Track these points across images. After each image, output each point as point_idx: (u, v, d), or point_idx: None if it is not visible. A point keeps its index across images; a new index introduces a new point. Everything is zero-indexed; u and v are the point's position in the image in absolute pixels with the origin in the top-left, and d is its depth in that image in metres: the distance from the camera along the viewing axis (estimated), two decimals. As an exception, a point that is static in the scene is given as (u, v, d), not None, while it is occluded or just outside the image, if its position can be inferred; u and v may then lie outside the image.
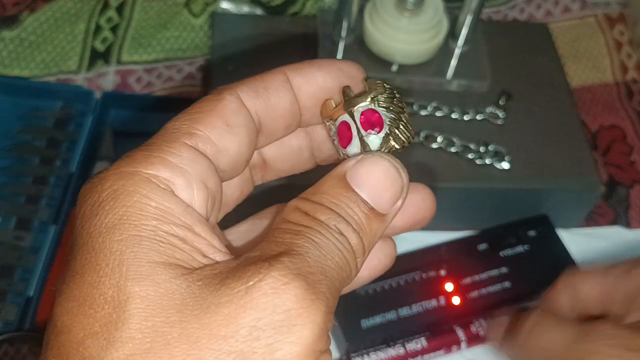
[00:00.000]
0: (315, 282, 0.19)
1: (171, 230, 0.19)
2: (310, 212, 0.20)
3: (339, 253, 0.20)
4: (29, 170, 0.49)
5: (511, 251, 0.47)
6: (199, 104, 0.22)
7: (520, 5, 0.61)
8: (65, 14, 0.56)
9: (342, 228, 0.20)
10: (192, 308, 0.18)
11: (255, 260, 0.19)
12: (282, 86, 0.23)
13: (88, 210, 0.19)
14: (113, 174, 0.20)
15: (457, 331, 0.43)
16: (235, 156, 0.22)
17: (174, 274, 0.18)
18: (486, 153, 0.47)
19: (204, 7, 0.57)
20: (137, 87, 0.55)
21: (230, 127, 0.21)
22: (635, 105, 0.58)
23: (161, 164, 0.20)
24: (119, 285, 0.18)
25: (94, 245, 0.19)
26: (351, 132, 0.23)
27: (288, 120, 0.24)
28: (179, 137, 0.20)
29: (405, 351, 0.42)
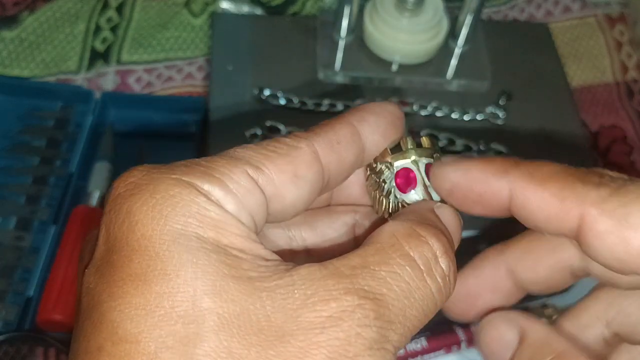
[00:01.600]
0: (389, 332, 0.19)
1: (231, 243, 0.19)
2: (412, 250, 0.20)
3: (425, 302, 0.20)
4: (29, 170, 0.49)
5: (511, 251, 0.47)
6: (275, 143, 0.21)
7: (520, 5, 0.61)
8: (65, 14, 0.56)
9: (437, 272, 0.21)
10: (267, 333, 0.17)
11: (338, 291, 0.18)
12: (352, 139, 0.23)
13: (138, 208, 0.18)
14: (168, 178, 0.19)
15: (457, 331, 0.43)
16: (290, 206, 0.21)
17: (247, 289, 0.18)
18: (486, 153, 0.47)
19: (204, 7, 0.57)
20: (137, 87, 0.55)
21: (297, 179, 0.21)
22: (635, 105, 0.58)
23: (217, 184, 0.19)
24: (194, 299, 0.17)
25: (157, 252, 0.18)
26: (415, 181, 0.24)
27: (351, 171, 0.24)
28: (243, 165, 0.20)
29: (405, 351, 0.42)
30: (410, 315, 0.19)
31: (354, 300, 0.18)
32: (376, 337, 0.18)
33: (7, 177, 0.49)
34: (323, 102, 0.48)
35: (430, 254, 0.21)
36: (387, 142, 0.24)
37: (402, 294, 0.19)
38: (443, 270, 0.21)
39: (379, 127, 0.24)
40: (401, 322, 0.19)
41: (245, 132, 0.46)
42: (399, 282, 0.19)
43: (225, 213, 0.19)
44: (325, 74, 0.50)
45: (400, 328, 0.19)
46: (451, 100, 0.49)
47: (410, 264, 0.20)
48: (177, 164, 0.20)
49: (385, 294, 0.19)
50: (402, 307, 0.19)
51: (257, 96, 0.48)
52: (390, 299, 0.19)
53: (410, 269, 0.20)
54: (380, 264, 0.20)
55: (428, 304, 0.20)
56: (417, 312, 0.20)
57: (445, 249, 0.21)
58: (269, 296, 0.18)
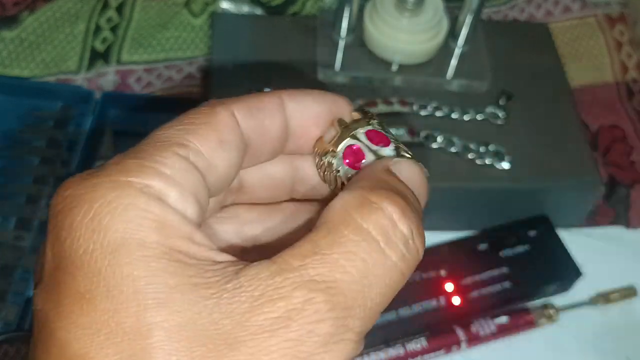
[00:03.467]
0: (349, 320, 0.18)
1: (175, 245, 0.18)
2: (364, 221, 0.19)
3: (388, 275, 0.19)
4: (29, 170, 0.49)
5: (511, 251, 0.47)
6: (192, 115, 0.21)
7: (520, 5, 0.61)
8: (65, 14, 0.56)
9: (398, 239, 0.19)
10: (216, 342, 0.17)
11: (285, 288, 0.18)
12: (276, 110, 0.22)
13: (78, 222, 0.18)
14: (103, 182, 0.18)
15: (457, 331, 0.43)
16: (223, 174, 0.21)
17: (192, 298, 0.17)
18: (486, 153, 0.47)
19: (204, 7, 0.57)
20: (137, 87, 0.55)
21: (223, 144, 0.20)
22: (635, 105, 0.58)
23: (155, 174, 0.18)
24: (138, 315, 0.17)
25: (99, 268, 0.17)
26: (362, 152, 0.23)
27: (275, 145, 0.23)
28: (171, 146, 0.19)
29: (405, 351, 0.42)
30: (373, 295, 0.18)
31: (304, 295, 0.17)
32: (332, 331, 0.17)
33: (7, 177, 0.49)
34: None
35: (386, 220, 0.19)
36: (318, 129, 0.23)
37: (359, 275, 0.18)
38: (404, 234, 0.19)
39: (311, 110, 0.23)
40: (362, 305, 0.18)
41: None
42: (354, 261, 0.18)
43: (167, 210, 0.18)
44: (325, 74, 0.50)
45: (361, 312, 0.18)
46: (451, 100, 0.49)
47: (365, 237, 0.19)
48: (110, 162, 0.19)
49: (338, 279, 0.18)
50: (361, 289, 0.18)
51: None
52: (345, 283, 0.18)
53: (366, 244, 0.19)
54: (332, 246, 0.18)
55: (392, 277, 0.19)
56: (379, 288, 0.19)
57: (403, 210, 0.19)
58: (216, 303, 0.17)
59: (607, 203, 0.52)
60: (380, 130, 0.23)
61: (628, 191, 0.53)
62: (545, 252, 0.47)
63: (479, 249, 0.47)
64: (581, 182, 0.47)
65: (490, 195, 0.47)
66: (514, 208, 0.48)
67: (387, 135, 0.23)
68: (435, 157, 0.47)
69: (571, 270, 0.46)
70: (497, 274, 0.46)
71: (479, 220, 0.48)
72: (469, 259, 0.46)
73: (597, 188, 0.47)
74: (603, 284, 0.48)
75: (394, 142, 0.23)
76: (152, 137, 0.20)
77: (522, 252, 0.47)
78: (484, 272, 0.45)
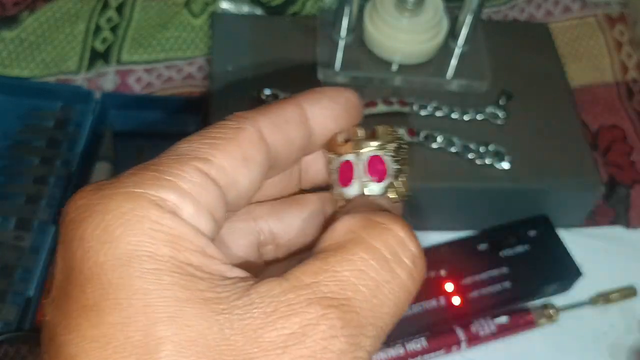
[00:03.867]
0: (361, 338, 0.18)
1: (186, 259, 0.18)
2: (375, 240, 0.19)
3: (397, 294, 0.19)
4: (29, 170, 0.49)
5: (511, 251, 0.47)
6: (218, 129, 0.20)
7: (520, 5, 0.61)
8: (65, 14, 0.56)
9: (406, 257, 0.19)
10: (227, 358, 0.16)
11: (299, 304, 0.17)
12: (299, 120, 0.22)
13: (90, 234, 0.18)
14: (118, 193, 0.18)
15: (457, 331, 0.43)
16: (244, 191, 0.20)
17: (203, 313, 0.17)
18: (486, 153, 0.47)
19: (204, 7, 0.57)
20: (137, 87, 0.55)
21: (247, 161, 0.20)
22: (635, 105, 0.58)
23: (170, 188, 0.18)
24: (147, 328, 0.17)
25: (109, 280, 0.17)
26: (352, 174, 0.23)
27: (300, 153, 0.23)
28: (191, 160, 0.19)
29: (405, 351, 0.42)
30: (382, 314, 0.18)
31: (317, 311, 0.17)
32: (345, 348, 0.17)
33: (7, 177, 0.49)
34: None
35: (396, 240, 0.19)
36: (338, 128, 0.23)
37: (369, 294, 0.18)
38: (412, 252, 0.19)
39: (330, 111, 0.23)
40: (373, 324, 0.18)
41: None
42: (365, 280, 0.18)
43: (180, 223, 0.18)
44: (325, 74, 0.50)
45: (372, 330, 0.18)
46: (451, 100, 0.49)
47: (375, 256, 0.19)
48: (127, 173, 0.19)
49: (351, 297, 0.18)
50: (372, 308, 0.18)
51: (257, 96, 0.48)
52: (357, 301, 0.18)
53: (376, 262, 0.19)
54: (342, 264, 0.18)
55: (400, 296, 0.19)
56: (389, 308, 0.19)
57: (410, 231, 0.20)
58: (227, 318, 0.17)
59: (607, 203, 0.52)
60: (388, 158, 0.23)
61: (628, 191, 0.53)
62: (545, 252, 0.47)
63: (479, 249, 0.47)
64: (581, 182, 0.47)
65: (490, 195, 0.47)
66: (514, 208, 0.48)
67: (388, 167, 0.23)
68: (435, 157, 0.47)
69: (571, 270, 0.46)
70: (497, 274, 0.46)
71: (479, 220, 0.48)
72: (469, 259, 0.46)
73: (597, 188, 0.47)
74: (603, 284, 0.48)
75: (393, 175, 0.23)
76: (175, 149, 0.20)
77: (522, 252, 0.47)
78: (484, 272, 0.45)
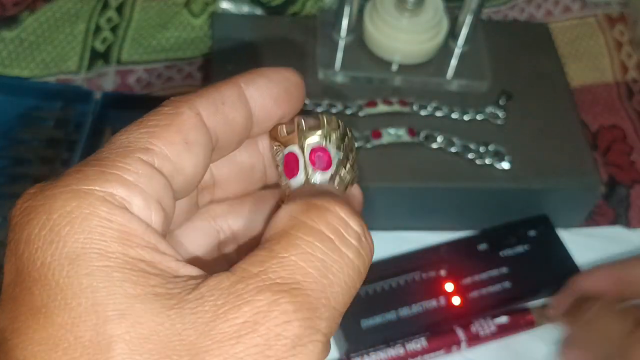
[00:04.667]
0: (316, 321, 0.18)
1: (138, 255, 0.17)
2: (315, 222, 0.19)
3: (346, 272, 0.19)
4: (29, 170, 0.49)
5: (511, 251, 0.47)
6: (155, 116, 0.20)
7: (520, 5, 0.61)
8: (65, 14, 0.56)
9: (351, 236, 0.19)
10: (180, 353, 0.16)
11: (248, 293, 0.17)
12: (238, 100, 0.22)
13: (36, 235, 0.17)
14: (62, 192, 0.18)
15: (457, 331, 0.43)
16: (191, 176, 0.20)
17: (154, 308, 0.17)
18: (486, 153, 0.47)
19: (204, 7, 0.57)
20: (137, 87, 0.55)
21: (189, 145, 0.20)
22: (635, 105, 0.58)
23: (117, 182, 0.18)
24: (97, 327, 0.16)
25: (57, 280, 0.16)
26: (298, 165, 0.23)
27: (242, 135, 0.22)
28: (133, 152, 0.19)
29: (405, 351, 0.42)
30: (334, 294, 0.18)
31: (268, 297, 0.17)
32: (300, 332, 0.17)
33: (6, 177, 0.49)
34: (322, 102, 0.48)
35: (337, 219, 0.19)
36: (280, 109, 0.23)
37: (319, 274, 0.18)
38: (356, 231, 0.19)
39: (270, 91, 0.23)
40: (326, 305, 0.18)
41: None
42: (313, 261, 0.18)
43: (131, 218, 0.18)
44: (325, 74, 0.50)
45: (326, 312, 0.18)
46: (451, 100, 0.49)
47: (318, 237, 0.19)
48: (70, 170, 0.18)
49: (300, 281, 0.18)
50: (323, 288, 0.18)
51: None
52: (307, 283, 0.18)
53: (320, 243, 0.19)
54: (287, 249, 0.18)
55: (350, 274, 0.19)
56: (340, 287, 0.18)
57: (351, 210, 0.20)
58: (178, 313, 0.17)
59: (607, 203, 0.52)
60: (331, 147, 0.23)
61: (628, 191, 0.53)
62: (545, 252, 0.47)
63: (479, 249, 0.47)
64: (581, 182, 0.47)
65: (490, 195, 0.47)
66: (513, 208, 0.48)
67: (333, 156, 0.23)
68: (435, 157, 0.47)
69: (571, 270, 0.46)
70: (497, 274, 0.46)
71: (479, 220, 0.48)
72: (469, 259, 0.46)
73: (597, 188, 0.47)
74: (603, 284, 0.48)
75: (337, 165, 0.23)
76: (114, 142, 0.19)
77: (522, 252, 0.47)
78: (484, 272, 0.45)
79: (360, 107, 0.48)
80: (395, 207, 0.47)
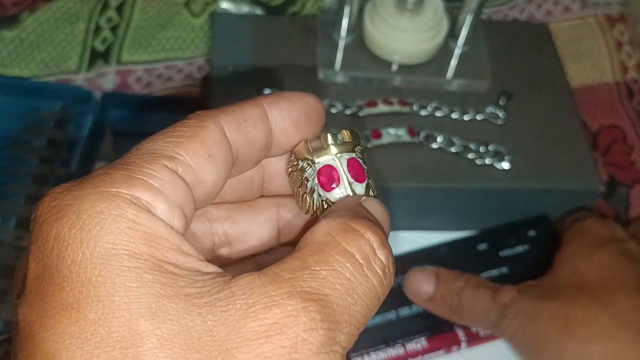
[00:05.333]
0: (337, 333, 0.18)
1: (164, 257, 0.18)
2: (349, 246, 0.20)
3: (368, 296, 0.20)
4: (29, 170, 0.49)
5: (511, 251, 0.47)
6: (181, 127, 0.21)
7: (520, 5, 0.61)
8: (65, 14, 0.56)
9: (377, 265, 0.20)
10: (210, 349, 0.17)
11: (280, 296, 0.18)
12: (260, 119, 0.23)
13: (66, 233, 0.18)
14: (91, 193, 0.18)
15: (457, 331, 0.43)
16: (211, 187, 0.21)
17: (185, 307, 0.17)
18: (486, 153, 0.47)
19: (204, 7, 0.57)
20: (137, 87, 0.55)
21: (212, 158, 0.21)
22: (635, 105, 0.58)
23: (143, 186, 0.19)
24: (130, 323, 0.17)
25: (89, 278, 0.17)
26: (336, 177, 0.24)
27: (261, 154, 0.23)
28: (159, 158, 0.20)
29: (405, 351, 0.42)
30: (356, 313, 0.19)
31: (298, 303, 0.18)
32: (323, 340, 0.18)
33: (7, 177, 0.49)
34: (323, 102, 0.48)
35: (368, 247, 0.20)
36: (299, 132, 0.24)
37: (345, 292, 0.19)
38: (382, 261, 0.21)
39: (291, 114, 0.24)
40: (347, 321, 0.19)
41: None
42: (341, 280, 0.19)
43: (156, 221, 0.18)
44: (325, 74, 0.50)
45: (346, 327, 0.19)
46: (451, 100, 0.49)
47: (350, 259, 0.20)
48: (97, 173, 0.19)
49: (328, 294, 0.19)
50: (347, 305, 0.19)
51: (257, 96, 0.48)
52: (334, 298, 0.19)
53: (350, 265, 0.20)
54: (319, 264, 0.19)
55: (371, 298, 0.20)
56: (361, 308, 0.20)
57: (382, 240, 0.21)
58: (209, 311, 0.17)
59: (607, 203, 0.52)
60: (361, 162, 0.24)
61: (628, 191, 0.53)
62: (545, 252, 0.47)
63: (479, 249, 0.47)
64: (581, 182, 0.47)
65: (490, 195, 0.47)
66: (513, 208, 0.48)
67: (365, 170, 0.25)
68: (435, 157, 0.47)
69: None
70: (497, 274, 0.46)
71: (478, 220, 0.48)
72: (469, 259, 0.46)
73: (597, 188, 0.47)
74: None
75: (368, 179, 0.25)
76: (140, 149, 0.20)
77: (521, 252, 0.47)
78: (483, 272, 0.45)
79: (360, 107, 0.48)
80: (396, 207, 0.48)
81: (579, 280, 0.40)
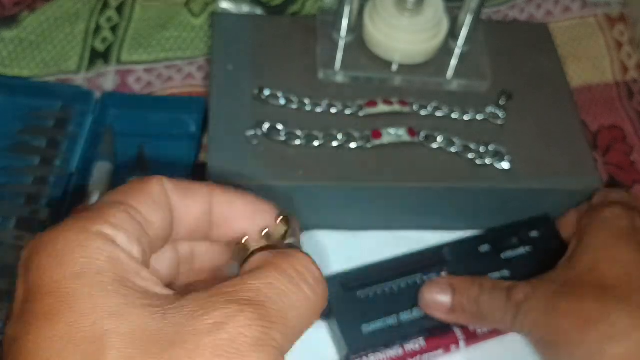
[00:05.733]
0: (272, 331, 0.21)
1: (126, 275, 0.22)
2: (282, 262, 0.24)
3: (303, 303, 0.23)
4: (29, 170, 0.49)
5: (513, 253, 0.46)
6: (130, 184, 0.26)
7: (520, 5, 0.61)
8: (65, 14, 0.56)
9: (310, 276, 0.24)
10: (162, 343, 0.20)
11: (221, 303, 0.21)
12: (201, 196, 0.27)
13: (46, 261, 0.22)
14: (64, 230, 0.23)
15: (455, 330, 0.43)
16: (159, 229, 0.25)
17: (141, 312, 0.21)
18: (486, 153, 0.47)
19: (204, 7, 0.57)
20: (137, 87, 0.55)
21: (155, 205, 0.25)
22: (635, 105, 0.58)
23: (105, 223, 0.23)
24: (96, 323, 0.20)
25: (65, 291, 0.21)
26: None
27: (192, 226, 0.27)
28: (115, 205, 0.24)
29: (404, 351, 0.42)
30: (291, 316, 0.23)
31: (235, 307, 0.21)
32: (259, 336, 0.21)
33: (7, 177, 0.49)
34: (322, 102, 0.48)
35: (299, 264, 0.24)
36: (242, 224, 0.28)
37: (278, 298, 0.23)
38: (314, 274, 0.24)
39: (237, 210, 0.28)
40: (283, 323, 0.22)
41: (245, 132, 0.46)
42: (275, 290, 0.23)
43: (117, 249, 0.23)
44: (325, 74, 0.50)
45: (282, 327, 0.22)
46: (451, 100, 0.49)
47: (283, 273, 0.24)
48: (68, 218, 0.24)
49: (264, 300, 0.22)
50: (281, 309, 0.22)
51: (257, 96, 0.48)
52: (269, 303, 0.22)
53: (283, 277, 0.23)
54: (257, 278, 0.23)
55: (306, 306, 0.24)
56: (296, 312, 0.23)
57: (312, 261, 0.25)
58: (161, 316, 0.21)
59: (607, 203, 0.52)
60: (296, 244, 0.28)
61: (628, 191, 0.53)
62: (547, 253, 0.47)
63: (480, 251, 0.47)
64: (581, 182, 0.47)
65: (490, 196, 0.47)
66: (514, 208, 0.48)
67: None
68: (435, 157, 0.47)
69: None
70: (499, 276, 0.45)
71: (479, 221, 0.48)
72: (470, 261, 0.46)
73: (597, 188, 0.47)
74: (603, 284, 0.48)
75: None
76: (99, 201, 0.25)
77: (523, 253, 0.47)
78: (485, 274, 0.45)
79: (360, 107, 0.48)
80: (395, 207, 0.48)
81: (596, 277, 0.40)
